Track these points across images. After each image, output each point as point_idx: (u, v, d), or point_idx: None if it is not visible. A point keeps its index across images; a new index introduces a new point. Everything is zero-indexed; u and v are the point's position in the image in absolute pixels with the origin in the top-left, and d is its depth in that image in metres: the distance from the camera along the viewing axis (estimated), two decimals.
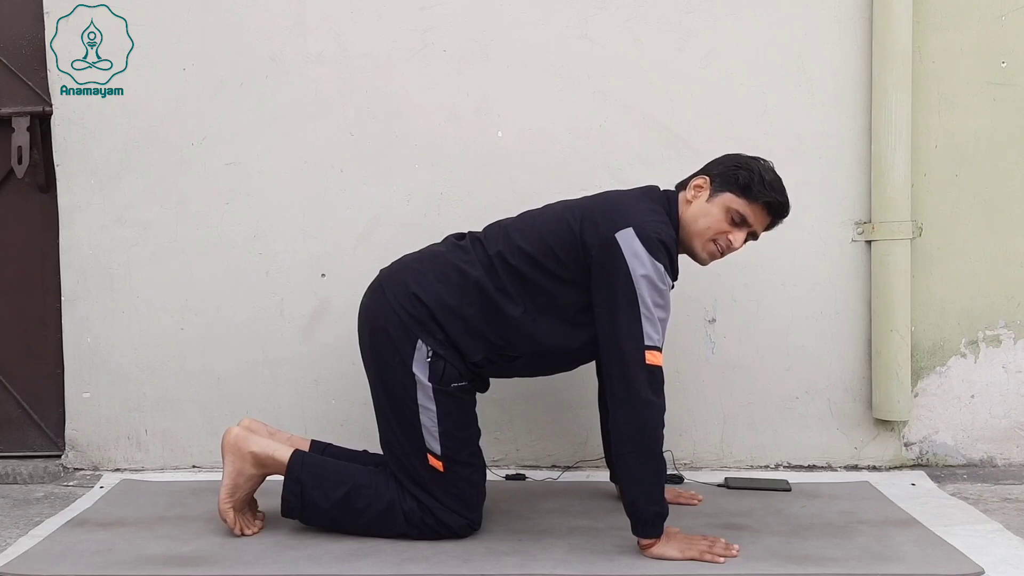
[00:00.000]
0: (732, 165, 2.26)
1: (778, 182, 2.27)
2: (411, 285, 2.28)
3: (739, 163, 2.26)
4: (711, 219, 2.25)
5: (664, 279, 2.15)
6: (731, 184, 2.24)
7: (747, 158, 2.29)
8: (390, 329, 2.26)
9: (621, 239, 2.15)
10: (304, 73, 2.90)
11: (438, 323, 2.24)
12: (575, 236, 2.22)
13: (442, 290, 2.26)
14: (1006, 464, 2.96)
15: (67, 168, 2.91)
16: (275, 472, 2.33)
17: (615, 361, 2.15)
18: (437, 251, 2.36)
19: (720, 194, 2.24)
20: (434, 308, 2.24)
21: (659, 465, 2.16)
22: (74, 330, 2.94)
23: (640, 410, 2.12)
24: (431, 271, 2.29)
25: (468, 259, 2.29)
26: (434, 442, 2.26)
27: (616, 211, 2.22)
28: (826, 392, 2.94)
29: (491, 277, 2.25)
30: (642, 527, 2.17)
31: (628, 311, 2.12)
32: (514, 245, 2.26)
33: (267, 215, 2.92)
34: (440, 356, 2.24)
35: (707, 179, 2.26)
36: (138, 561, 2.18)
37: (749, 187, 2.22)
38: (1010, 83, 2.91)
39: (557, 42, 2.89)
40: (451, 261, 2.30)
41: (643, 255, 2.13)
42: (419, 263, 2.34)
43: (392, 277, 2.34)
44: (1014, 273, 2.94)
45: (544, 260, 2.24)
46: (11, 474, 2.95)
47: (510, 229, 2.31)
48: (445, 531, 2.28)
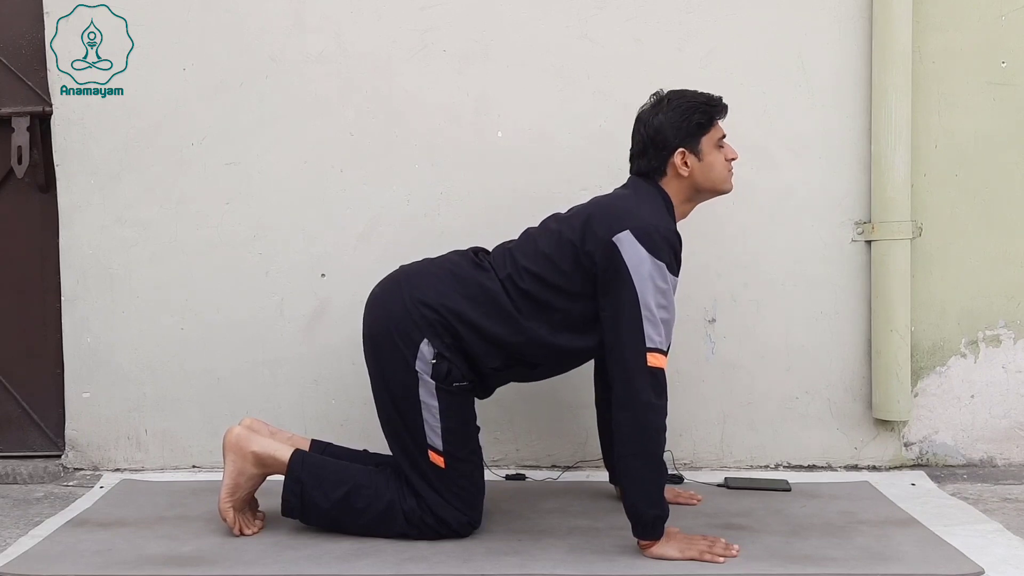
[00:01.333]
0: (682, 120, 2.28)
1: (693, 92, 2.33)
2: (430, 292, 2.27)
3: (682, 113, 2.28)
4: (715, 162, 2.30)
5: (666, 277, 2.15)
6: (697, 132, 2.28)
7: (676, 101, 2.30)
8: (399, 327, 2.26)
9: (620, 242, 2.15)
10: (304, 73, 2.90)
11: (451, 331, 2.24)
12: (577, 248, 2.22)
13: (465, 304, 2.25)
14: (1006, 464, 2.96)
15: (67, 168, 2.91)
16: (276, 472, 2.34)
17: (618, 364, 2.15)
18: (458, 263, 2.34)
19: (699, 144, 2.28)
20: (450, 317, 2.24)
21: (660, 468, 2.16)
22: (74, 330, 2.94)
23: (642, 413, 2.12)
24: (453, 283, 2.28)
25: (489, 277, 2.29)
26: (436, 438, 2.26)
27: (612, 215, 2.22)
28: (826, 392, 2.94)
29: (508, 298, 2.26)
30: (642, 529, 2.17)
31: (630, 314, 2.13)
32: (521, 267, 2.27)
33: (267, 215, 2.92)
34: (445, 358, 2.24)
35: (683, 151, 2.28)
36: (138, 561, 2.18)
37: (705, 120, 2.29)
38: (1010, 83, 2.91)
39: (557, 42, 2.89)
40: (475, 277, 2.29)
41: (643, 255, 2.13)
42: (440, 270, 2.33)
43: (411, 280, 2.32)
44: (1014, 273, 2.94)
45: (552, 278, 2.24)
46: (11, 474, 2.95)
47: (515, 252, 2.32)
48: (445, 529, 2.28)
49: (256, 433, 2.37)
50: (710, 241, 2.89)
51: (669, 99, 2.32)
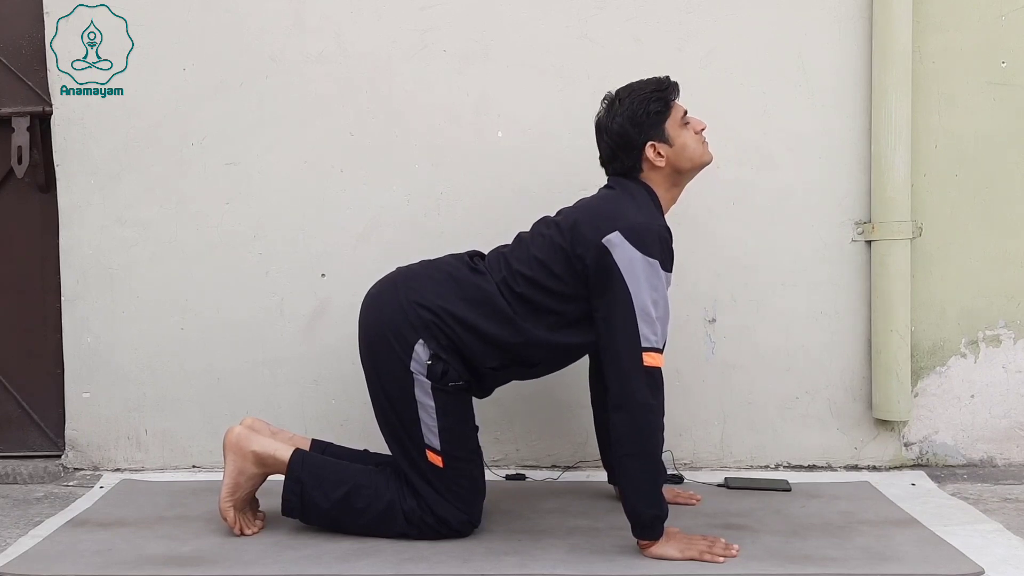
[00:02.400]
0: (639, 115, 2.27)
1: (640, 82, 2.33)
2: (427, 294, 2.27)
3: (637, 107, 2.28)
4: (686, 141, 2.30)
5: (659, 274, 2.15)
6: (659, 119, 2.28)
7: (627, 99, 2.30)
8: (394, 327, 2.26)
9: (610, 244, 2.15)
10: (304, 73, 2.90)
11: (448, 332, 2.24)
12: (567, 253, 2.22)
13: (462, 306, 2.25)
14: (1006, 464, 2.96)
15: (67, 168, 2.91)
16: (277, 472, 2.34)
17: (613, 365, 2.15)
18: (455, 266, 2.34)
19: (665, 131, 2.28)
20: (447, 318, 2.24)
21: (658, 468, 2.16)
22: (74, 330, 2.94)
23: (639, 413, 2.12)
24: (451, 285, 2.28)
25: (485, 280, 2.29)
26: (433, 438, 2.26)
27: (599, 217, 2.22)
28: (826, 392, 2.94)
29: (504, 301, 2.26)
30: (641, 529, 2.17)
31: (624, 314, 2.13)
32: (515, 271, 2.27)
33: (267, 215, 2.92)
34: (441, 359, 2.24)
35: (652, 144, 2.27)
36: (138, 561, 2.18)
37: (662, 107, 2.29)
38: (1010, 83, 2.91)
39: (557, 42, 2.89)
40: (472, 280, 2.29)
41: (634, 255, 2.13)
42: (438, 272, 2.33)
43: (408, 282, 2.32)
44: (1014, 273, 2.94)
45: (546, 282, 2.24)
46: (11, 474, 2.95)
47: (509, 257, 2.32)
48: (445, 528, 2.28)
49: (257, 433, 2.37)
50: (710, 241, 2.89)
51: (620, 98, 2.31)
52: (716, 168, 2.88)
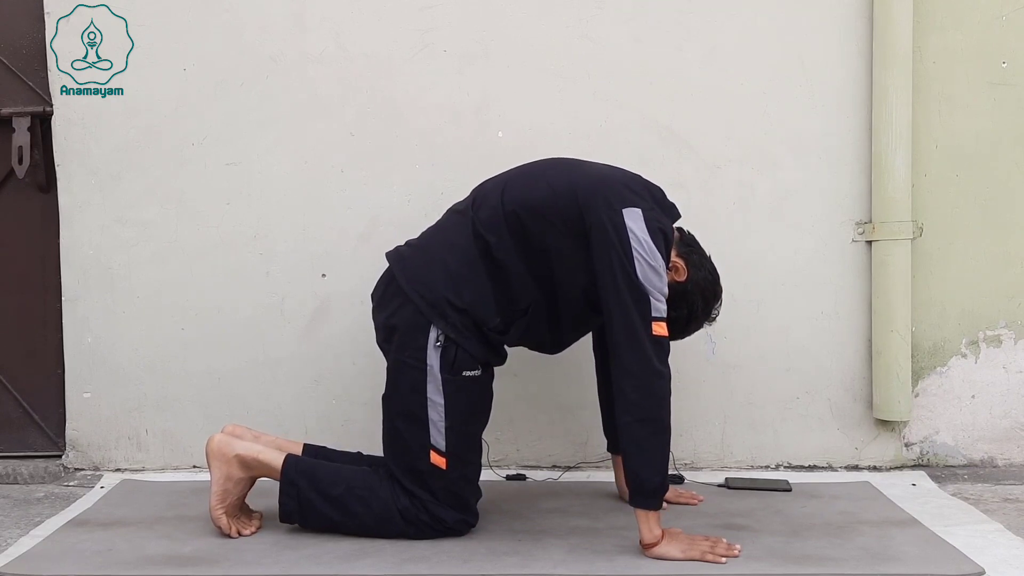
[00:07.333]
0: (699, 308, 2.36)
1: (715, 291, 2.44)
2: (422, 269, 2.29)
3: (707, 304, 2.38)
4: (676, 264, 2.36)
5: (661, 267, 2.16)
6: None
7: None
8: (404, 318, 2.27)
9: (629, 216, 2.16)
10: (304, 73, 2.90)
11: (450, 302, 2.24)
12: (568, 194, 2.23)
13: (452, 263, 2.26)
14: (1007, 464, 2.96)
15: (67, 168, 2.91)
16: (262, 475, 2.33)
17: (623, 332, 2.14)
18: (442, 227, 2.38)
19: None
20: (446, 287, 2.25)
21: (665, 435, 2.16)
22: (74, 330, 2.94)
23: (649, 379, 2.12)
24: (440, 248, 2.31)
25: (469, 227, 2.30)
26: (439, 437, 2.26)
27: (625, 187, 2.23)
28: (826, 392, 2.94)
29: (492, 238, 2.26)
30: (643, 498, 2.15)
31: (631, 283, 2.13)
32: (508, 199, 2.28)
33: (267, 215, 2.91)
34: (452, 341, 2.23)
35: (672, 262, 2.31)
36: (138, 561, 2.18)
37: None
38: (1010, 83, 2.91)
39: (557, 42, 2.89)
40: (454, 236, 2.31)
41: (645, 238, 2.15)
42: (427, 242, 2.36)
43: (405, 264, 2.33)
44: (1014, 273, 2.94)
45: (540, 209, 2.25)
46: (11, 474, 2.95)
47: (500, 188, 2.33)
48: (441, 527, 2.28)
49: (238, 438, 2.36)
50: (710, 241, 2.88)
51: None
52: (717, 168, 2.90)
